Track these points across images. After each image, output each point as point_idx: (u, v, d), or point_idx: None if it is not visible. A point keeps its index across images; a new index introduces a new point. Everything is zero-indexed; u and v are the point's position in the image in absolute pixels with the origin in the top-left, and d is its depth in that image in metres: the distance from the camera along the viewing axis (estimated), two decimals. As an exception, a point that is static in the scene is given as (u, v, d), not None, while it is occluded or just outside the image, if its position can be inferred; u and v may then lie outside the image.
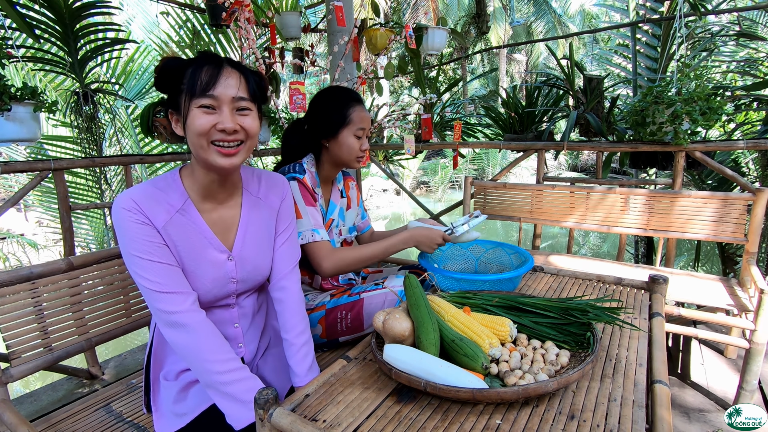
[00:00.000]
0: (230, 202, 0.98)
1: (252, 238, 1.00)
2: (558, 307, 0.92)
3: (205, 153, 0.86)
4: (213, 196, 0.95)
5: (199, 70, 0.84)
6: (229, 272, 0.96)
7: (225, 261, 0.96)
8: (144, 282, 0.85)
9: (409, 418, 0.71)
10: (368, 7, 3.00)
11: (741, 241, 1.90)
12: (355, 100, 1.34)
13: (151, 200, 0.87)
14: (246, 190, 1.01)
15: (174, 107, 0.88)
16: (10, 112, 1.79)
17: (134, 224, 0.84)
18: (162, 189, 0.90)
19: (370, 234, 1.63)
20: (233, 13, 2.06)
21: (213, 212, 0.95)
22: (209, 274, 0.93)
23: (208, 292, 0.94)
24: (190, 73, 0.85)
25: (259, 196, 1.02)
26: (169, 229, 0.88)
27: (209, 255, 0.93)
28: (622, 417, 0.68)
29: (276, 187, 1.06)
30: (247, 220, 0.99)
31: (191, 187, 0.93)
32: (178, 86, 0.86)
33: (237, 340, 1.03)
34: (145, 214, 0.85)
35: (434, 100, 2.77)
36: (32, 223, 8.26)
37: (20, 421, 0.92)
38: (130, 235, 0.85)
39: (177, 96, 0.87)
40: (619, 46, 4.32)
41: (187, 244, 0.91)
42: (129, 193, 0.86)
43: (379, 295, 1.26)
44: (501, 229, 9.81)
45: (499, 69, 16.81)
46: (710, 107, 2.06)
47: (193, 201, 0.92)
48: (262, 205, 1.02)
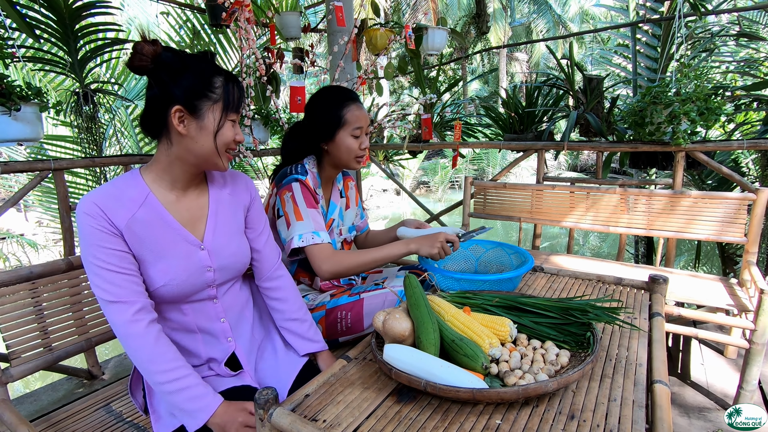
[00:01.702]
0: (196, 193, 1.00)
1: (222, 228, 1.02)
2: (558, 307, 0.92)
3: (217, 158, 0.94)
4: (179, 188, 0.97)
5: (230, 85, 0.93)
6: (203, 261, 0.97)
7: (197, 251, 0.97)
8: (95, 289, 0.87)
9: (409, 418, 0.71)
10: (368, 7, 3.00)
11: (741, 241, 1.90)
12: (349, 100, 1.32)
13: (112, 199, 0.88)
14: (210, 184, 1.04)
15: (189, 107, 0.89)
16: (19, 112, 1.80)
17: (93, 229, 0.86)
18: (122, 187, 0.91)
19: (366, 234, 1.63)
20: (233, 13, 2.06)
21: (178, 204, 0.96)
22: (181, 265, 0.94)
23: (184, 282, 0.94)
24: (223, 86, 0.92)
25: (225, 191, 1.05)
26: (133, 225, 0.89)
27: (179, 246, 0.95)
28: (622, 417, 0.68)
29: (242, 184, 1.09)
30: (215, 211, 1.02)
31: (155, 182, 0.94)
32: (201, 90, 0.89)
33: (225, 335, 1.04)
34: (106, 216, 0.86)
35: (434, 100, 2.77)
36: (32, 223, 8.26)
37: (20, 421, 0.92)
38: (88, 241, 0.86)
39: (197, 99, 0.89)
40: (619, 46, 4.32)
41: (153, 238, 0.92)
42: (90, 196, 0.87)
43: (379, 295, 1.26)
44: (501, 229, 9.81)
45: (499, 69, 16.81)
46: (709, 107, 2.06)
47: (156, 194, 0.94)
48: (229, 200, 1.05)
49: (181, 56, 0.91)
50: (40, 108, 1.89)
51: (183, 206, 0.97)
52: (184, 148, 0.91)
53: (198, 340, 1.01)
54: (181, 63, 0.90)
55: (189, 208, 0.98)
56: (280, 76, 2.64)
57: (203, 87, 0.89)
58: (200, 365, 1.03)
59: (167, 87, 0.89)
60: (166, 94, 0.89)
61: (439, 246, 1.18)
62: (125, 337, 0.86)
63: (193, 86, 0.89)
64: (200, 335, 1.01)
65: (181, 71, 0.89)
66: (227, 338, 1.04)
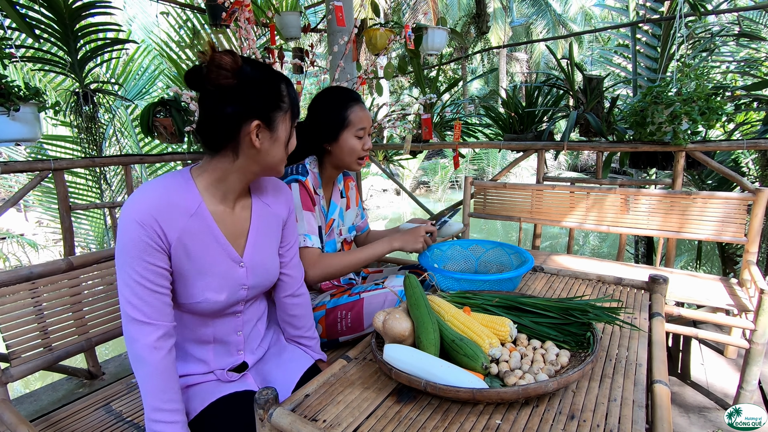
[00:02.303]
0: (242, 205, 0.97)
1: (261, 243, 0.99)
2: (558, 307, 0.92)
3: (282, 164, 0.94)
4: (230, 199, 0.93)
5: (292, 90, 0.92)
6: (241, 279, 0.95)
7: (236, 268, 0.94)
8: (124, 303, 0.83)
9: (409, 418, 0.71)
10: (368, 7, 3.00)
11: (741, 241, 1.90)
12: (352, 100, 1.32)
13: (167, 207, 0.83)
14: (254, 195, 1.00)
15: (266, 121, 0.86)
16: (17, 113, 1.80)
17: (140, 241, 0.81)
18: (176, 192, 0.86)
19: (367, 234, 1.63)
20: (233, 13, 2.06)
21: (225, 216, 0.93)
22: (220, 284, 0.91)
23: (219, 301, 0.92)
24: (288, 93, 0.90)
25: (266, 203, 1.02)
26: (184, 237, 0.85)
27: (222, 262, 0.92)
28: (622, 417, 0.68)
29: (282, 195, 1.06)
30: (257, 225, 0.98)
31: (207, 189, 0.89)
32: (275, 102, 0.87)
33: (237, 347, 1.02)
34: (160, 228, 0.82)
35: (434, 100, 2.77)
36: (32, 223, 8.26)
37: (20, 421, 0.92)
38: (131, 251, 0.81)
39: (272, 111, 0.87)
40: (619, 46, 4.32)
41: (200, 251, 0.88)
42: (145, 202, 0.82)
43: (379, 295, 1.26)
44: (501, 229, 9.81)
45: (499, 69, 16.81)
46: (710, 107, 2.06)
47: (207, 205, 0.89)
48: (269, 212, 1.02)
49: (257, 67, 0.86)
50: (38, 108, 1.89)
51: (229, 219, 0.93)
52: (252, 160, 0.88)
53: (209, 350, 0.99)
54: (260, 75, 0.85)
55: (234, 222, 0.95)
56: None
57: (276, 98, 0.86)
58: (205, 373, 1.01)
59: (247, 102, 0.84)
60: (246, 110, 0.84)
61: (422, 240, 1.24)
62: (141, 361, 0.83)
63: (269, 98, 0.86)
64: (213, 345, 0.99)
65: (261, 84, 0.85)
66: (238, 350, 1.03)
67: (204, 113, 0.86)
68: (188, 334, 0.96)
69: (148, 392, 0.85)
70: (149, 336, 0.83)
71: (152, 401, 0.84)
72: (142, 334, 0.83)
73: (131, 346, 0.84)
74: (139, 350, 0.83)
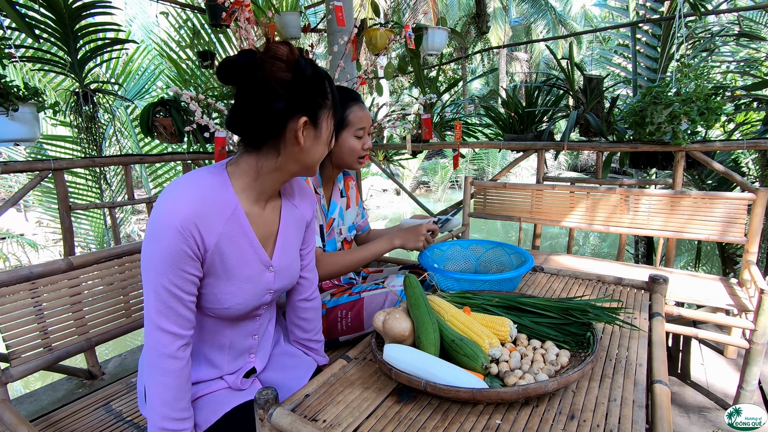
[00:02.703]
0: (272, 206, 0.94)
1: (289, 246, 0.97)
2: (558, 307, 0.92)
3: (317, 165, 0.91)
4: (263, 200, 0.90)
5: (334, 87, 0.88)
6: (269, 284, 0.93)
7: (265, 272, 0.92)
8: (151, 309, 0.80)
9: (409, 418, 0.71)
10: (368, 7, 3.00)
11: (741, 241, 1.90)
12: (351, 100, 1.32)
13: (206, 209, 0.80)
14: (283, 196, 0.97)
15: (313, 118, 0.83)
16: (16, 113, 1.80)
17: (178, 248, 0.77)
18: (214, 192, 0.82)
19: (367, 234, 1.63)
20: (233, 13, 2.06)
21: (257, 218, 0.89)
22: (250, 290, 0.89)
23: (246, 307, 0.90)
24: (331, 91, 0.87)
25: (294, 204, 0.99)
26: (221, 242, 0.82)
27: (252, 266, 0.89)
28: (622, 417, 0.68)
29: (307, 196, 1.03)
30: (285, 227, 0.96)
31: (243, 191, 0.86)
32: (322, 99, 0.84)
33: (250, 351, 1.00)
34: (200, 234, 0.78)
35: (434, 100, 2.77)
36: (32, 223, 8.26)
37: (20, 421, 0.92)
38: (166, 259, 0.77)
39: (319, 108, 0.84)
40: (619, 46, 4.32)
41: (234, 255, 0.85)
42: (184, 206, 0.77)
43: (379, 294, 1.26)
44: (501, 229, 9.81)
45: (499, 69, 16.81)
46: (709, 107, 2.06)
47: (243, 206, 0.86)
48: (296, 213, 0.99)
49: (310, 64, 0.83)
50: (37, 108, 1.89)
51: (261, 221, 0.90)
52: (293, 159, 0.85)
53: (225, 354, 0.96)
54: (311, 70, 0.82)
55: (265, 224, 0.92)
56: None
57: (323, 95, 0.84)
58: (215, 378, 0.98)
59: (299, 98, 0.80)
60: (296, 105, 0.81)
61: (423, 238, 1.24)
62: (161, 370, 0.81)
63: (318, 95, 0.83)
64: (228, 350, 0.96)
65: (313, 79, 0.82)
66: (251, 354, 1.01)
67: (248, 106, 0.81)
68: (207, 338, 0.94)
69: (163, 401, 0.82)
70: (172, 345, 0.81)
71: (165, 410, 0.82)
72: (166, 343, 0.81)
73: (153, 354, 0.81)
74: (161, 359, 0.81)
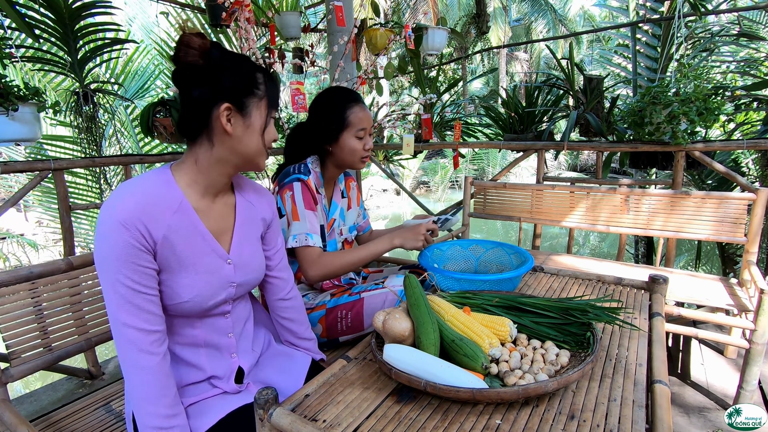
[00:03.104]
0: (224, 201, 0.96)
1: (247, 239, 0.99)
2: (558, 307, 0.92)
3: (261, 157, 0.93)
4: (211, 194, 0.92)
5: (271, 81, 0.91)
6: (228, 276, 0.94)
7: (223, 264, 0.93)
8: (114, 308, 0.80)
9: (409, 418, 0.71)
10: (368, 7, 3.00)
11: (741, 241, 1.90)
12: (352, 101, 1.32)
13: (150, 204, 0.81)
14: (237, 192, 1.00)
15: (238, 105, 0.86)
16: (16, 113, 1.80)
17: (126, 244, 0.78)
18: (156, 188, 0.84)
19: (369, 234, 1.63)
20: (233, 13, 2.06)
21: (209, 212, 0.91)
22: (208, 280, 0.90)
23: (207, 299, 0.90)
24: (265, 83, 0.90)
25: (250, 201, 1.02)
26: (170, 235, 0.83)
27: (208, 259, 0.90)
28: (622, 417, 0.68)
29: (265, 197, 1.06)
30: (241, 223, 0.98)
31: (189, 185, 0.88)
32: (248, 87, 0.87)
33: (230, 350, 0.99)
34: (145, 227, 0.80)
35: (434, 100, 2.77)
36: (32, 223, 8.26)
37: (20, 421, 0.92)
38: (116, 255, 0.78)
39: (245, 96, 0.87)
40: (619, 46, 4.32)
41: (186, 248, 0.86)
42: (125, 202, 0.79)
43: (379, 294, 1.26)
44: (501, 229, 9.81)
45: (499, 69, 16.81)
46: (708, 107, 2.06)
47: (189, 200, 0.88)
48: (253, 210, 1.02)
49: (225, 52, 0.87)
50: (38, 108, 1.89)
51: (213, 214, 0.92)
52: (228, 149, 0.88)
53: (202, 354, 0.96)
54: (227, 59, 0.86)
55: (218, 217, 0.93)
56: (280, 76, 2.64)
57: (250, 83, 0.87)
58: (202, 381, 0.97)
59: (216, 84, 0.84)
60: (214, 92, 0.84)
61: (422, 237, 1.24)
62: (137, 368, 0.81)
63: (240, 83, 0.86)
64: (204, 350, 0.96)
65: (229, 67, 0.86)
66: (231, 354, 1.00)
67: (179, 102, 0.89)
68: (180, 339, 0.93)
69: (146, 399, 0.82)
70: (144, 341, 0.81)
71: (150, 407, 0.82)
72: (136, 340, 0.81)
73: (126, 353, 0.81)
74: (135, 356, 0.81)
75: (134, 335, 0.80)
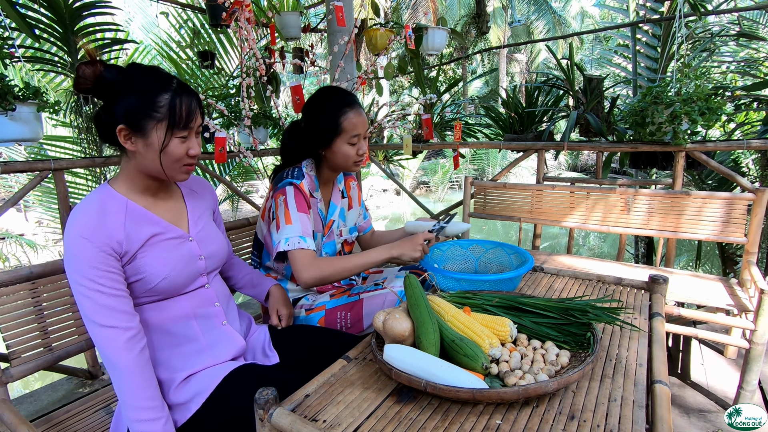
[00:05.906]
0: (169, 194, 1.04)
1: (202, 220, 1.09)
2: (558, 307, 0.92)
3: (174, 172, 0.96)
4: (152, 191, 1.00)
5: (178, 101, 0.90)
6: (194, 251, 1.02)
7: (186, 242, 1.01)
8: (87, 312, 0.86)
9: (409, 418, 0.71)
10: (368, 7, 3.00)
11: (741, 241, 1.90)
12: (346, 105, 1.28)
13: (100, 215, 0.89)
14: (181, 186, 1.09)
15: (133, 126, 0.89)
16: (15, 112, 1.79)
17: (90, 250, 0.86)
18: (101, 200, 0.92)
19: (371, 234, 1.62)
20: (233, 13, 2.06)
21: (157, 206, 1.00)
22: (177, 257, 0.97)
23: (181, 273, 0.97)
24: (168, 103, 0.90)
25: (194, 190, 1.12)
26: (130, 232, 0.91)
27: (171, 240, 0.98)
28: (622, 417, 0.68)
29: (207, 189, 1.16)
30: (193, 206, 1.08)
31: (129, 190, 0.96)
32: (143, 110, 0.89)
33: (219, 318, 1.07)
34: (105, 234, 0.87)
35: (434, 100, 2.77)
36: (32, 223, 8.26)
37: (20, 421, 0.92)
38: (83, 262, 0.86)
39: (140, 119, 0.89)
40: (619, 47, 4.32)
41: (146, 237, 0.94)
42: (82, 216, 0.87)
43: (378, 295, 1.26)
44: (501, 229, 9.81)
45: (499, 69, 16.81)
46: (709, 107, 2.06)
47: (134, 201, 0.96)
48: (199, 197, 1.12)
49: (124, 74, 0.90)
50: (38, 108, 1.89)
51: (162, 207, 1.01)
52: (141, 160, 0.93)
53: (195, 326, 1.03)
54: (123, 82, 0.89)
55: (168, 209, 1.02)
56: (280, 77, 2.64)
57: (145, 107, 0.89)
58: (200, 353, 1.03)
59: (110, 107, 0.90)
60: (108, 114, 0.90)
61: (420, 248, 1.20)
62: (114, 364, 0.86)
63: (134, 106, 0.89)
64: (196, 321, 1.03)
65: (123, 91, 0.89)
66: (222, 322, 1.08)
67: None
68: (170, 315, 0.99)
69: (126, 392, 0.87)
70: (118, 339, 0.86)
71: (132, 401, 0.87)
72: (110, 338, 0.86)
73: (103, 351, 0.87)
74: (111, 353, 0.86)
75: (107, 333, 0.86)
